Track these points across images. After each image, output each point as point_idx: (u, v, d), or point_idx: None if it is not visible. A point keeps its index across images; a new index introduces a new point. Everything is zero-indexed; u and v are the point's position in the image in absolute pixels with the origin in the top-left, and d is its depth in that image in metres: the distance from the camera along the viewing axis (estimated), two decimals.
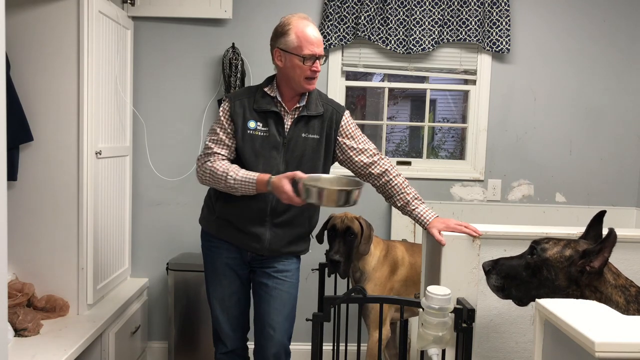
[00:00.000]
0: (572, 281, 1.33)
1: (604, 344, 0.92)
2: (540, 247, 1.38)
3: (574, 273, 1.33)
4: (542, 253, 1.37)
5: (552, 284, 1.35)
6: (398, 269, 2.40)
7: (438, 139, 3.53)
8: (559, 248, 1.36)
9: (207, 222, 2.04)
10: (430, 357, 1.55)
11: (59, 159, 2.27)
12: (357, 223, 2.31)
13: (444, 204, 3.07)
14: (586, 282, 1.33)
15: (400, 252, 2.43)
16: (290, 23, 1.83)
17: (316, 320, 1.67)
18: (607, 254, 1.31)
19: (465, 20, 2.94)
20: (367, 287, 2.30)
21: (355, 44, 3.01)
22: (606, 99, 3.10)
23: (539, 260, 1.37)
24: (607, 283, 1.34)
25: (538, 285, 1.37)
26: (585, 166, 3.13)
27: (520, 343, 1.82)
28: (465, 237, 1.76)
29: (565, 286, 1.34)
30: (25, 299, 2.20)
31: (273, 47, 1.88)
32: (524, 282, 1.39)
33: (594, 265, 1.31)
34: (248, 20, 2.98)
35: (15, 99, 2.13)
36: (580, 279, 1.33)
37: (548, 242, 1.39)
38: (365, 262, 2.36)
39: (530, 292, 1.39)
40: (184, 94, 3.01)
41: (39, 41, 2.23)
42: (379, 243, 2.42)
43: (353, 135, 2.00)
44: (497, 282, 1.44)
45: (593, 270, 1.31)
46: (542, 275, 1.36)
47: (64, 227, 2.29)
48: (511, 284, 1.42)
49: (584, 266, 1.33)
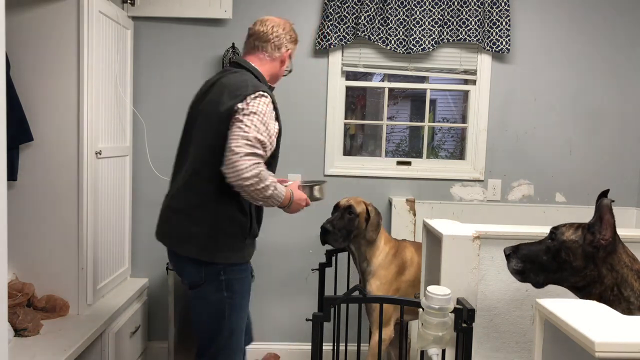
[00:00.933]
0: (588, 260, 1.39)
1: (604, 344, 0.92)
2: (559, 231, 1.47)
3: (589, 250, 1.39)
4: (560, 236, 1.45)
5: (570, 266, 1.41)
6: (406, 270, 2.40)
7: (438, 139, 3.53)
8: (573, 230, 1.44)
9: (235, 251, 1.84)
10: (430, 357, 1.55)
11: (59, 159, 2.27)
12: (363, 206, 2.38)
13: (444, 204, 3.07)
14: (602, 258, 1.38)
15: (409, 252, 2.43)
16: (297, 36, 2.03)
17: (316, 320, 1.67)
18: (610, 218, 1.37)
19: (465, 20, 2.94)
20: (371, 284, 2.32)
21: (355, 44, 3.01)
22: (606, 99, 3.10)
23: (557, 244, 1.44)
24: (623, 263, 1.38)
25: (557, 269, 1.44)
26: (585, 166, 3.13)
27: (520, 343, 1.82)
28: (465, 237, 1.76)
29: (583, 266, 1.40)
30: (25, 299, 2.20)
31: (285, 46, 1.96)
32: (544, 266, 1.46)
33: (604, 235, 1.37)
34: (248, 20, 2.96)
35: (15, 99, 2.13)
36: (596, 255, 1.39)
37: (564, 226, 1.48)
38: (372, 253, 2.37)
39: (548, 275, 1.46)
40: (184, 93, 2.99)
41: (39, 41, 2.23)
42: (389, 240, 2.43)
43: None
44: (517, 266, 1.51)
45: (606, 241, 1.37)
46: (561, 258, 1.43)
47: (64, 227, 2.29)
48: (531, 268, 1.49)
49: (595, 240, 1.38)
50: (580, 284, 1.42)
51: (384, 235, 2.44)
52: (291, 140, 3.05)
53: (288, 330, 3.16)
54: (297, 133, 3.04)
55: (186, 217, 1.81)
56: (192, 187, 1.81)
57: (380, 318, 1.76)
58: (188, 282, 1.87)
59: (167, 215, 1.89)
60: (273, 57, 1.94)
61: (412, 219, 2.96)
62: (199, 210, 1.80)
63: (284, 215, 3.06)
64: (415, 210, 2.97)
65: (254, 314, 3.11)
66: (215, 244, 1.80)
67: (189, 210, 1.81)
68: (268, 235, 3.08)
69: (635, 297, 1.35)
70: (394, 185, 3.08)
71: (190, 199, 1.81)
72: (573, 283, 1.43)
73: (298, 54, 3.00)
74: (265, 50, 1.94)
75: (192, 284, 1.85)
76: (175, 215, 1.85)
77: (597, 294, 1.39)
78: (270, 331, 3.14)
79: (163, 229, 1.90)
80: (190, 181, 1.82)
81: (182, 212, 1.82)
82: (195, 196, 1.81)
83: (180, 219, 1.83)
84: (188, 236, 1.81)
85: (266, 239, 3.08)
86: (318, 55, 3.01)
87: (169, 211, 1.88)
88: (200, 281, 1.81)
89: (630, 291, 1.35)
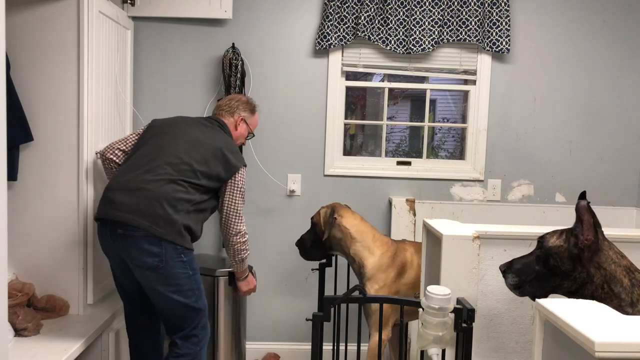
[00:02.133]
0: (576, 262, 1.42)
1: (604, 344, 0.92)
2: (545, 239, 1.50)
3: (574, 252, 1.42)
4: (546, 244, 1.48)
5: (560, 271, 1.44)
6: (406, 272, 2.35)
7: (438, 139, 3.53)
8: (557, 235, 1.48)
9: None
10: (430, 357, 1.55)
11: (59, 159, 2.27)
12: (322, 210, 2.45)
13: (444, 204, 3.07)
14: (589, 258, 1.40)
15: (409, 254, 2.38)
16: (255, 107, 2.48)
17: (316, 320, 1.67)
18: (589, 218, 1.40)
19: (465, 20, 2.94)
20: (369, 288, 2.28)
21: (355, 44, 3.01)
22: (606, 99, 3.11)
23: (545, 251, 1.48)
24: (610, 259, 1.40)
25: (549, 276, 1.47)
26: (585, 166, 3.13)
27: (520, 343, 1.82)
28: (465, 237, 1.76)
29: (572, 269, 1.42)
30: (25, 299, 2.20)
31: (238, 114, 2.40)
32: (537, 276, 1.49)
33: (587, 236, 1.40)
34: (248, 20, 2.99)
35: (15, 99, 2.13)
36: (582, 256, 1.41)
37: (549, 234, 1.51)
38: (363, 256, 2.33)
39: (543, 284, 1.49)
40: (184, 94, 3.01)
41: (39, 41, 2.23)
42: (384, 244, 2.37)
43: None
44: (513, 281, 1.54)
45: (589, 241, 1.40)
46: (550, 265, 1.46)
47: (64, 227, 2.29)
48: (526, 280, 1.52)
49: (579, 241, 1.41)
50: (573, 288, 1.44)
51: (375, 236, 2.37)
52: (291, 141, 3.05)
53: (288, 330, 3.16)
54: (297, 133, 3.04)
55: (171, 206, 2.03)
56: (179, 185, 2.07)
57: (380, 318, 1.76)
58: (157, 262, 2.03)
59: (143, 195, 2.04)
60: (236, 126, 2.39)
61: (412, 219, 2.96)
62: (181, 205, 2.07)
63: (283, 215, 3.06)
64: (415, 210, 2.97)
65: (255, 313, 3.11)
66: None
67: (174, 202, 2.03)
68: (268, 236, 3.08)
69: (626, 293, 1.37)
70: (394, 185, 3.08)
71: (177, 194, 2.04)
72: (567, 288, 1.45)
73: (298, 54, 3.01)
74: (222, 117, 2.40)
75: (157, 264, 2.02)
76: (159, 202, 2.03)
77: (589, 294, 1.41)
78: (270, 331, 3.14)
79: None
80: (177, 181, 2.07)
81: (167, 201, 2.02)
82: (181, 193, 2.06)
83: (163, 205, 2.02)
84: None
85: (266, 239, 3.08)
86: (318, 55, 3.01)
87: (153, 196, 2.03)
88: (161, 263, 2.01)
89: (621, 287, 1.37)
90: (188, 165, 2.07)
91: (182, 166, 2.07)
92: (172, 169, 2.05)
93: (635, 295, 1.37)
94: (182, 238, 2.01)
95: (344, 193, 3.08)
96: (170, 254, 1.97)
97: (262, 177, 3.03)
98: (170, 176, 2.03)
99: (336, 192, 3.08)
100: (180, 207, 2.01)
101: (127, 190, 2.00)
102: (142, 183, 2.00)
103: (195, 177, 2.08)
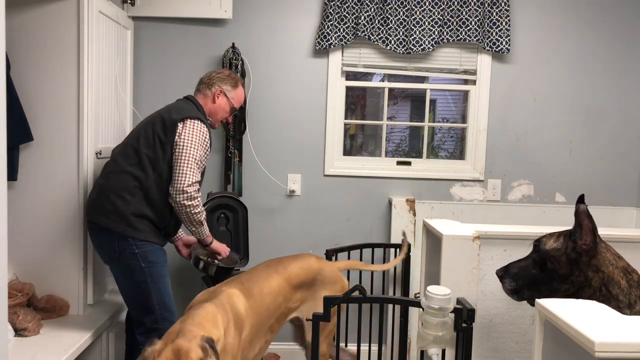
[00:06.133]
0: (573, 265, 1.41)
1: (604, 344, 0.93)
2: (541, 242, 1.49)
3: (572, 256, 1.41)
4: (543, 247, 1.47)
5: (557, 274, 1.43)
6: (244, 324, 1.83)
7: (438, 139, 3.53)
8: (554, 239, 1.47)
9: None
10: (430, 357, 1.55)
11: (59, 159, 2.27)
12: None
13: (444, 203, 3.07)
14: (586, 262, 1.39)
15: (240, 303, 1.83)
16: (238, 82, 2.38)
17: (316, 320, 1.67)
18: (588, 223, 1.39)
19: (465, 20, 2.94)
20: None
21: (355, 44, 3.01)
22: (606, 99, 3.10)
23: (542, 255, 1.46)
24: (607, 262, 1.40)
25: (546, 279, 1.46)
26: (585, 166, 3.13)
27: (520, 343, 1.82)
28: (465, 237, 1.76)
29: (569, 273, 1.41)
30: (25, 299, 2.20)
31: (218, 86, 2.31)
32: (534, 279, 1.48)
33: (585, 241, 1.39)
34: (248, 20, 2.99)
35: (15, 99, 2.13)
36: (579, 260, 1.40)
37: (545, 237, 1.50)
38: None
39: (540, 288, 1.48)
40: (184, 94, 2.99)
41: (39, 41, 2.23)
42: (214, 318, 1.64)
43: None
44: (510, 286, 1.53)
45: (587, 246, 1.39)
46: (547, 268, 1.45)
47: (64, 227, 2.29)
48: (523, 284, 1.51)
49: (577, 246, 1.40)
50: (571, 291, 1.43)
51: (212, 319, 1.62)
52: (291, 141, 3.05)
53: (288, 330, 3.16)
54: (297, 133, 3.04)
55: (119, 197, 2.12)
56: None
57: (380, 319, 1.76)
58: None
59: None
60: (213, 98, 2.31)
61: (412, 219, 2.96)
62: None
63: (283, 215, 3.06)
64: (415, 210, 2.97)
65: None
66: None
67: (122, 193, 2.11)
68: (268, 236, 3.08)
69: (624, 294, 1.37)
70: (394, 185, 3.08)
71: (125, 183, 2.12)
72: (564, 292, 1.44)
73: (298, 54, 3.01)
74: (199, 90, 2.35)
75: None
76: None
77: (587, 297, 1.40)
78: None
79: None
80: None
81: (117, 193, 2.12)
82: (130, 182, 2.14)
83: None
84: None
85: (266, 239, 3.08)
86: (318, 55, 3.01)
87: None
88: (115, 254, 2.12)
89: (618, 289, 1.37)
90: (132, 147, 2.14)
91: (128, 151, 2.13)
92: (120, 158, 2.13)
93: (632, 296, 1.37)
94: (134, 229, 2.06)
95: (344, 193, 3.08)
96: (123, 246, 2.07)
97: (262, 177, 3.03)
98: (118, 167, 2.12)
99: (336, 192, 3.08)
100: (129, 196, 2.08)
101: (92, 190, 2.21)
102: (99, 179, 2.19)
103: (138, 155, 2.11)
